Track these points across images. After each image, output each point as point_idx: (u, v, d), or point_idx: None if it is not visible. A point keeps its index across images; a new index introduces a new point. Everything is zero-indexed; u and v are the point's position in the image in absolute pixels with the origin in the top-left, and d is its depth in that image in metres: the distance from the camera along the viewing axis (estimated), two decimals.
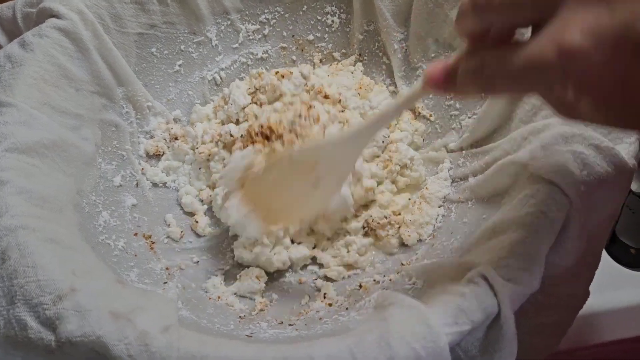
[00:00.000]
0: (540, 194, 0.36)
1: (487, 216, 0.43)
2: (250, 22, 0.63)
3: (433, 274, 0.41)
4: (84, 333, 0.31)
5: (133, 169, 0.54)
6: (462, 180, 0.50)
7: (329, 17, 0.63)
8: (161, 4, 0.57)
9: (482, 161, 0.47)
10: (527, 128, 0.41)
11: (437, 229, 0.50)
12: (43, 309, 0.33)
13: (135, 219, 0.51)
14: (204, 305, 0.46)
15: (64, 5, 0.50)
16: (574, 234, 0.37)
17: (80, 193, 0.45)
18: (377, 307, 0.38)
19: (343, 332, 0.38)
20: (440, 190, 0.51)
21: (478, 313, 0.32)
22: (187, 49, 0.60)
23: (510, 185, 0.41)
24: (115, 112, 0.53)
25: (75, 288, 0.34)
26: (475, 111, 0.52)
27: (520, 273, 0.34)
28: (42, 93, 0.45)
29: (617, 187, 0.39)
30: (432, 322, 0.32)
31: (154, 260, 0.48)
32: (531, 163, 0.38)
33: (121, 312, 0.33)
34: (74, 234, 0.41)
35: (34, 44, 0.47)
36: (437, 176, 0.52)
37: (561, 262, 0.38)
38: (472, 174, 0.48)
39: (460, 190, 0.49)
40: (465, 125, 0.52)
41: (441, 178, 0.52)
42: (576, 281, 0.42)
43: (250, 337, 0.41)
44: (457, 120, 0.54)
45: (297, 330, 0.42)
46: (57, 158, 0.44)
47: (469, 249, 0.41)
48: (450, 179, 0.52)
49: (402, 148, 0.54)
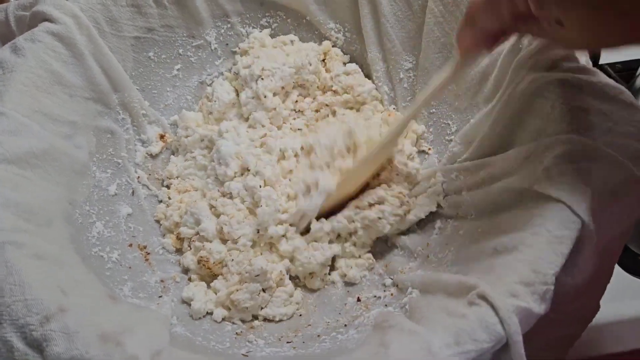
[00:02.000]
0: (548, 213, 0.35)
1: (483, 230, 0.41)
2: (251, 25, 0.61)
3: (430, 286, 0.40)
4: (71, 357, 0.31)
5: (129, 177, 0.52)
6: (455, 193, 0.48)
7: (333, 32, 0.61)
8: (159, 6, 0.56)
9: (477, 176, 0.45)
10: (528, 147, 0.40)
11: (432, 239, 0.49)
12: (30, 329, 0.32)
13: (130, 229, 0.49)
14: (199, 321, 0.45)
15: (58, 9, 0.48)
16: (588, 254, 0.36)
17: (72, 203, 0.44)
18: (376, 327, 0.37)
19: (341, 352, 0.37)
20: (429, 205, 0.51)
21: (480, 332, 0.31)
22: (185, 52, 0.59)
23: (514, 204, 0.39)
24: (110, 119, 0.52)
25: (63, 308, 0.33)
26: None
27: (528, 295, 0.33)
28: (34, 100, 0.44)
29: (631, 201, 0.38)
30: (433, 348, 0.31)
31: (149, 272, 0.47)
32: (537, 183, 0.37)
33: (110, 334, 0.32)
34: (65, 247, 0.40)
35: (26, 49, 0.46)
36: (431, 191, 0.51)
37: (573, 281, 0.37)
38: (467, 189, 0.46)
39: (456, 204, 0.48)
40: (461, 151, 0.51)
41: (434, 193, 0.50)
42: (588, 297, 0.41)
43: (247, 355, 0.39)
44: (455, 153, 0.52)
45: (295, 349, 0.41)
46: (49, 167, 0.43)
47: (466, 264, 0.39)
48: (443, 193, 0.50)
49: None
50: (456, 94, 0.53)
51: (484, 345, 0.31)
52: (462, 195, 0.47)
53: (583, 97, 0.39)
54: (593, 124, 0.38)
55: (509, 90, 0.44)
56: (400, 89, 0.58)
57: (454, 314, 0.33)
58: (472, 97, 0.50)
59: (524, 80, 0.42)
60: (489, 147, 0.46)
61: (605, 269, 0.41)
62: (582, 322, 0.44)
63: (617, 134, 0.37)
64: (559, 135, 0.38)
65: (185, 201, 0.53)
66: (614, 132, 0.37)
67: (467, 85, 0.51)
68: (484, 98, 0.49)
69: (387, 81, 0.59)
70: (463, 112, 0.52)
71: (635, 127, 0.37)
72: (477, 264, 0.38)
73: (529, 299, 0.32)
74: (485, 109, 0.47)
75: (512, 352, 0.31)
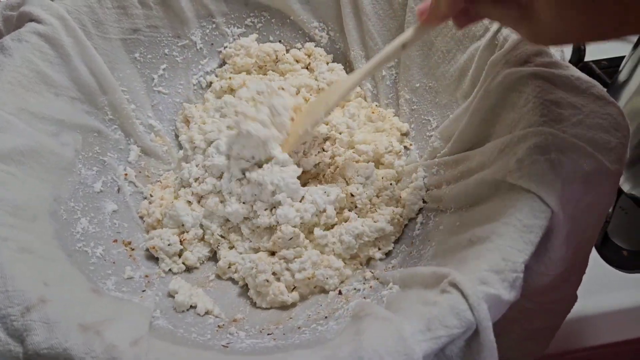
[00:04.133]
0: (519, 203, 0.36)
1: (461, 223, 0.42)
2: (235, 25, 0.62)
3: (409, 280, 0.41)
4: (50, 345, 0.31)
5: (115, 175, 0.53)
6: (436, 188, 0.49)
7: (317, 31, 0.62)
8: (144, 7, 0.56)
9: (456, 170, 0.46)
10: (503, 140, 0.41)
11: (416, 237, 0.49)
12: (11, 320, 0.32)
13: (115, 225, 0.50)
14: (182, 314, 0.45)
15: (45, 10, 0.49)
16: (558, 243, 0.37)
17: (57, 200, 0.45)
18: (354, 317, 0.38)
19: (319, 343, 0.38)
20: (416, 202, 0.51)
21: (451, 318, 0.32)
22: (171, 52, 0.59)
23: (489, 195, 0.40)
24: (97, 119, 0.53)
25: (45, 299, 0.33)
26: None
27: (498, 282, 0.33)
28: (20, 98, 0.45)
29: (602, 191, 0.38)
30: (405, 333, 0.31)
31: (133, 267, 0.48)
32: (510, 174, 0.37)
33: (90, 324, 0.33)
34: (49, 242, 0.40)
35: (13, 49, 0.47)
36: (413, 185, 0.52)
37: (547, 271, 0.38)
38: (446, 182, 0.47)
39: (437, 198, 0.48)
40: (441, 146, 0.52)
41: (416, 188, 0.51)
42: (564, 287, 0.41)
43: (227, 347, 0.40)
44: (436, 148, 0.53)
45: (275, 340, 0.41)
46: (34, 165, 0.44)
47: (444, 257, 0.40)
48: (425, 188, 0.51)
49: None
50: (436, 90, 0.54)
51: (455, 331, 0.32)
52: (442, 189, 0.48)
53: (555, 91, 0.40)
54: (564, 116, 0.38)
55: (485, 85, 0.45)
56: (383, 86, 0.59)
57: (427, 302, 0.34)
58: (452, 93, 0.51)
59: (499, 75, 0.43)
60: (467, 142, 0.47)
61: (580, 259, 0.41)
62: (560, 312, 0.44)
63: (587, 126, 0.38)
64: (531, 128, 0.39)
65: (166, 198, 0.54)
66: (585, 124, 0.38)
67: (447, 81, 0.52)
68: (462, 94, 0.50)
69: (370, 78, 0.60)
70: (443, 108, 0.52)
71: (605, 119, 0.38)
72: (454, 256, 0.39)
73: (498, 286, 0.33)
74: (464, 104, 0.48)
75: (481, 337, 0.32)
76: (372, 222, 0.50)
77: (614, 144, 0.37)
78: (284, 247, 0.48)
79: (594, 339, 0.54)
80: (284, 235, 0.48)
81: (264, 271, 0.47)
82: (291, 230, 0.48)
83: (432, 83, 0.54)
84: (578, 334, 0.54)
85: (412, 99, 0.56)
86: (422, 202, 0.51)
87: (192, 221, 0.51)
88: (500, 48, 0.45)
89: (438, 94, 0.53)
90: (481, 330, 0.32)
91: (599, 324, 0.54)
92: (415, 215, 0.51)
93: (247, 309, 0.48)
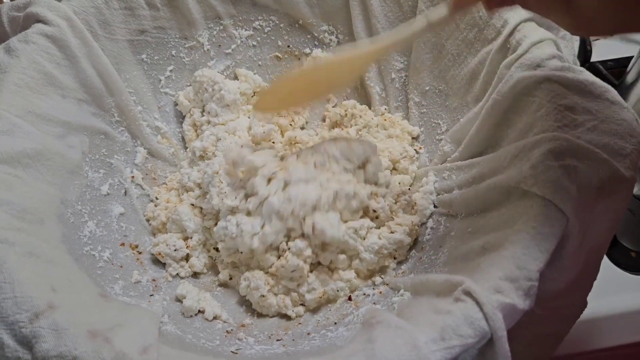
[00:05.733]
0: (533, 210, 0.35)
1: (473, 230, 0.42)
2: (243, 27, 0.61)
3: (420, 287, 0.40)
4: (60, 353, 0.31)
5: (122, 177, 0.53)
6: (447, 192, 0.49)
7: (326, 35, 0.61)
8: (151, 8, 0.56)
9: (468, 175, 0.46)
10: (516, 145, 0.40)
11: (426, 242, 0.49)
12: (19, 326, 0.32)
13: (122, 228, 0.50)
14: (190, 319, 0.45)
15: (52, 11, 0.48)
16: (572, 250, 0.36)
17: (65, 203, 0.44)
18: (365, 323, 0.38)
19: (330, 350, 0.37)
20: (427, 207, 0.50)
21: (465, 327, 0.31)
22: (178, 54, 0.59)
23: (501, 202, 0.40)
24: (104, 121, 0.52)
25: (53, 305, 0.33)
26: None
27: (512, 291, 0.33)
28: (27, 100, 0.45)
29: (617, 198, 0.38)
30: (419, 342, 0.31)
31: (141, 271, 0.47)
32: (523, 181, 0.37)
33: (99, 331, 0.32)
34: (56, 246, 0.40)
35: (20, 50, 0.46)
36: (423, 190, 0.51)
37: (559, 277, 0.37)
38: (458, 187, 0.47)
39: (447, 203, 0.48)
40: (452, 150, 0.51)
41: (427, 192, 0.51)
42: (574, 293, 0.41)
43: (236, 353, 0.40)
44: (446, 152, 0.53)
45: (285, 347, 0.41)
46: (41, 167, 0.43)
47: (455, 264, 0.40)
48: (435, 192, 0.50)
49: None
50: (447, 93, 0.53)
51: (469, 341, 0.31)
52: (453, 194, 0.47)
53: (569, 95, 0.39)
54: (579, 121, 0.38)
55: (497, 89, 0.44)
56: (392, 89, 0.58)
57: (440, 311, 0.33)
58: (462, 97, 0.51)
59: (512, 79, 0.43)
60: (479, 146, 0.47)
61: (592, 266, 0.41)
62: (569, 318, 0.44)
63: (602, 132, 0.37)
64: (545, 133, 0.39)
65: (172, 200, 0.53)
66: (599, 130, 0.38)
67: (457, 85, 0.51)
68: (473, 97, 0.49)
69: (379, 81, 0.59)
70: (453, 112, 0.52)
71: (620, 125, 0.38)
72: (467, 263, 0.39)
73: (513, 295, 0.32)
74: (475, 108, 0.48)
75: (496, 347, 0.32)
76: (389, 233, 0.49)
77: (629, 150, 0.37)
78: (286, 276, 0.47)
79: (601, 342, 0.53)
80: (288, 266, 0.46)
81: (257, 288, 0.47)
82: (296, 263, 0.46)
83: (442, 86, 0.53)
84: (586, 336, 0.54)
85: (421, 102, 0.56)
86: (432, 207, 0.50)
87: (194, 227, 0.51)
88: (513, 52, 0.44)
89: (448, 97, 0.53)
90: (496, 340, 0.32)
91: (607, 326, 0.54)
92: (425, 220, 0.50)
93: (255, 314, 0.48)
